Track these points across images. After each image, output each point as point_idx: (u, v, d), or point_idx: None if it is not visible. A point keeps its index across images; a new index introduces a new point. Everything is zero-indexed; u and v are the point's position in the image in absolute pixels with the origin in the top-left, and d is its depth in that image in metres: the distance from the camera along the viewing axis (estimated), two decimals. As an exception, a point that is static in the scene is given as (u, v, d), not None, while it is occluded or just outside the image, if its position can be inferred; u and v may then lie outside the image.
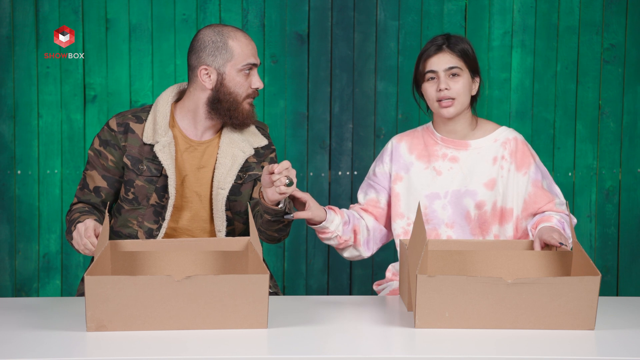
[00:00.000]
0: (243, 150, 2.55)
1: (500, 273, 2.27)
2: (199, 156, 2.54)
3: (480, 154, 2.64)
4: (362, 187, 2.75)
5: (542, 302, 1.97)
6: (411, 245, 2.13)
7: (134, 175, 2.51)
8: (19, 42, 3.61)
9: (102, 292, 1.92)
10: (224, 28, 2.52)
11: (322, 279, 3.74)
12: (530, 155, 2.66)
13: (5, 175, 3.66)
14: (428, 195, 2.62)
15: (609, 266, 3.75)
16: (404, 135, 2.73)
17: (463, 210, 2.61)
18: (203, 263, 2.26)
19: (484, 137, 2.66)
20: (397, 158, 2.68)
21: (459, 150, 2.65)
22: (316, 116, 3.69)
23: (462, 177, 2.62)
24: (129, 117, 2.54)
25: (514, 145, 2.65)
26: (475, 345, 1.87)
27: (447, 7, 3.67)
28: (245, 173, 2.56)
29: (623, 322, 2.09)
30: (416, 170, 2.65)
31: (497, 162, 2.63)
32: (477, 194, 2.61)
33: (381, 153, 2.74)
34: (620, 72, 3.69)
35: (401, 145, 2.70)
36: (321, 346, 1.88)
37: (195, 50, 2.51)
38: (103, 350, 1.83)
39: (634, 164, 3.72)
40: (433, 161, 2.65)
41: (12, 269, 3.69)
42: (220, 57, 2.48)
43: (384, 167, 2.70)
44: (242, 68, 2.49)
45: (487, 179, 2.62)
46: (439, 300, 1.97)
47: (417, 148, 2.68)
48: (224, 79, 2.49)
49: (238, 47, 2.49)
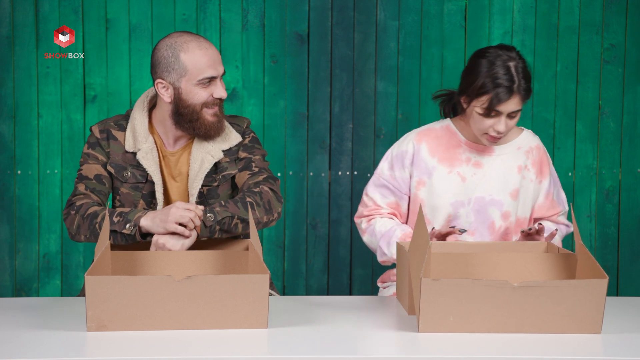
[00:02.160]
0: (212, 155, 2.48)
1: (504, 276, 2.23)
2: (172, 166, 2.51)
3: (505, 160, 2.59)
4: (376, 186, 2.65)
5: (548, 306, 1.94)
6: (412, 248, 2.08)
7: (119, 183, 2.48)
8: (19, 42, 3.61)
9: (103, 292, 1.91)
10: (178, 39, 2.40)
11: (322, 279, 3.74)
12: (547, 164, 2.63)
13: (5, 175, 3.65)
14: (453, 203, 2.57)
15: (609, 266, 3.75)
16: (423, 134, 2.64)
17: (487, 219, 2.57)
18: (203, 263, 2.25)
19: (508, 143, 2.61)
20: (419, 162, 2.60)
21: (484, 156, 2.60)
22: (316, 116, 3.69)
23: (487, 184, 2.57)
24: (110, 125, 2.50)
25: (536, 155, 2.61)
26: (480, 349, 1.85)
27: (447, 7, 3.67)
28: (219, 174, 2.50)
29: (627, 323, 2.08)
30: (439, 175, 2.59)
31: (521, 171, 2.59)
32: (503, 204, 2.57)
33: (399, 154, 2.63)
34: (620, 72, 3.69)
35: (422, 147, 2.61)
36: (322, 346, 1.88)
37: (152, 64, 2.44)
38: (103, 350, 1.83)
39: (634, 164, 3.72)
40: (457, 165, 2.59)
41: (12, 269, 3.69)
42: (174, 72, 2.40)
43: (405, 171, 2.62)
44: (197, 83, 2.40)
45: (512, 188, 2.58)
46: (443, 304, 1.94)
47: (438, 150, 2.61)
48: (180, 92, 2.41)
49: (191, 61, 2.39)
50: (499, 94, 2.43)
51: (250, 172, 2.50)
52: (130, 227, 2.29)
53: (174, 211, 2.28)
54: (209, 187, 2.49)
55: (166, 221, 2.27)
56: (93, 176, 2.47)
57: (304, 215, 3.71)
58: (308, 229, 3.72)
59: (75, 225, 2.39)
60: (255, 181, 2.47)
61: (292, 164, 3.70)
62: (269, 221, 2.43)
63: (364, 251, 3.71)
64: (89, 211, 2.37)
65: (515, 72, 2.45)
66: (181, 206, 2.29)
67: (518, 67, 2.46)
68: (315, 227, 3.71)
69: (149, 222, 2.30)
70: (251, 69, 3.66)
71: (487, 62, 2.47)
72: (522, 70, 2.46)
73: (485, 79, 2.45)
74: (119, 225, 2.30)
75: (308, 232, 3.72)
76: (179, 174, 2.50)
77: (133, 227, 2.29)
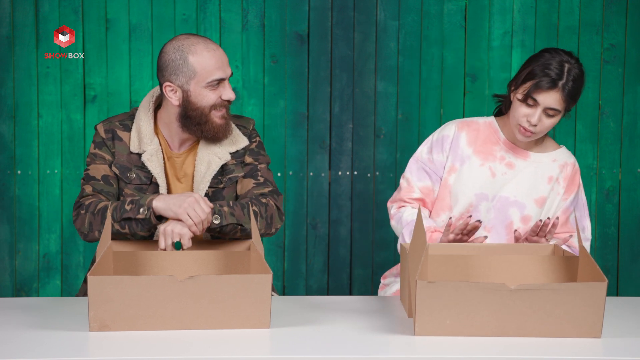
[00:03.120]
0: (219, 157, 2.47)
1: (504, 278, 2.20)
2: (177, 167, 2.50)
3: (538, 168, 2.60)
4: (413, 170, 2.66)
5: (547, 309, 1.90)
6: (412, 249, 2.07)
7: (123, 184, 2.47)
8: (19, 42, 3.61)
9: (105, 292, 1.91)
10: (185, 41, 2.39)
11: (322, 279, 3.74)
12: (577, 184, 2.64)
13: (5, 175, 3.65)
14: (477, 195, 2.58)
15: (609, 266, 3.75)
16: (465, 124, 2.66)
17: (506, 219, 2.58)
18: (205, 263, 2.25)
19: (545, 153, 2.63)
20: (456, 148, 2.62)
21: (518, 158, 2.61)
22: (316, 116, 3.69)
23: (515, 186, 2.59)
24: (115, 125, 2.49)
25: (570, 171, 2.62)
26: (477, 353, 1.83)
27: (447, 7, 3.67)
28: (225, 177, 2.49)
29: (627, 323, 2.08)
30: (471, 165, 2.60)
31: (551, 182, 2.60)
32: (525, 207, 2.57)
33: (440, 138, 2.66)
34: (620, 72, 3.69)
35: (462, 135, 2.63)
36: (325, 347, 1.88)
37: (159, 67, 2.42)
38: (106, 350, 1.83)
39: (634, 164, 3.72)
40: (490, 160, 2.61)
41: (12, 269, 3.68)
42: (182, 75, 2.38)
43: (443, 155, 2.63)
44: (207, 85, 2.39)
45: (539, 195, 2.58)
46: (440, 307, 1.90)
47: (476, 142, 2.63)
48: (189, 95, 2.39)
49: (200, 63, 2.37)
50: (541, 81, 2.47)
51: (256, 181, 2.50)
52: (144, 210, 2.31)
53: (190, 203, 2.28)
54: (214, 189, 2.49)
55: (179, 207, 2.28)
56: (100, 177, 2.46)
57: (304, 215, 3.71)
58: (308, 229, 3.72)
59: (87, 224, 2.38)
60: (262, 192, 2.48)
61: (292, 164, 3.70)
62: (266, 234, 2.45)
63: (364, 251, 3.71)
64: (99, 206, 2.37)
65: (567, 71, 2.48)
66: (198, 201, 2.29)
67: (572, 70, 2.48)
68: (315, 227, 3.71)
69: (162, 204, 2.31)
70: (251, 69, 3.66)
71: (547, 55, 2.51)
72: (575, 74, 2.49)
73: (537, 67, 2.49)
74: (132, 212, 2.31)
75: (308, 232, 3.72)
76: (184, 175, 2.50)
77: (147, 211, 2.30)
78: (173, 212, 2.29)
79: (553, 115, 2.49)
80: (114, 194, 2.47)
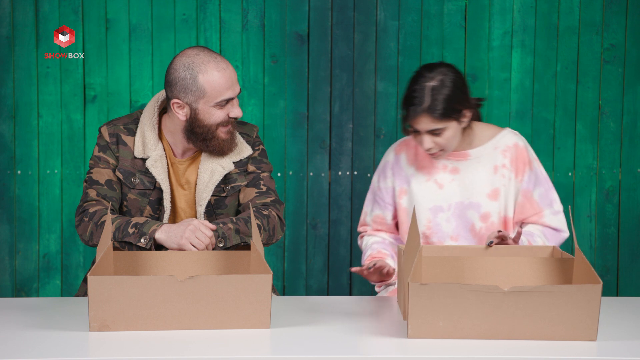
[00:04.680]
0: (222, 166, 2.48)
1: (499, 280, 2.18)
2: (180, 174, 2.50)
3: (481, 162, 2.61)
4: (369, 199, 2.75)
5: (541, 312, 1.88)
6: (406, 251, 2.07)
7: (127, 189, 2.47)
8: (19, 42, 3.61)
9: (105, 292, 1.91)
10: (195, 59, 2.37)
11: (322, 279, 3.74)
12: (527, 161, 2.62)
13: (5, 175, 3.65)
14: (432, 209, 2.61)
15: (609, 266, 3.75)
16: (402, 145, 2.71)
17: (467, 223, 2.60)
18: (205, 263, 2.25)
19: (483, 145, 2.63)
20: (399, 171, 2.67)
21: (459, 161, 2.63)
22: (316, 116, 3.69)
23: (464, 189, 2.60)
24: (120, 129, 2.48)
25: (514, 153, 2.61)
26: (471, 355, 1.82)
27: (447, 7, 3.67)
28: (228, 185, 2.50)
29: (626, 324, 2.07)
30: (417, 182, 2.64)
31: (498, 170, 2.60)
32: (481, 205, 2.59)
33: (383, 166, 2.72)
34: (620, 72, 3.69)
35: (401, 157, 2.69)
36: (325, 346, 1.88)
37: (168, 82, 2.41)
38: (106, 350, 1.83)
39: (634, 164, 3.72)
40: (434, 173, 2.64)
41: (12, 269, 3.68)
42: (192, 94, 2.37)
43: (387, 182, 2.69)
44: (215, 105, 2.38)
45: (490, 189, 2.59)
46: (433, 309, 1.88)
47: (416, 159, 2.67)
48: (197, 113, 2.39)
49: (210, 83, 2.36)
50: (408, 111, 2.50)
51: (258, 190, 2.51)
52: (146, 240, 2.32)
53: (191, 230, 2.30)
54: (217, 198, 2.49)
55: (181, 237, 2.30)
56: (104, 182, 2.46)
57: (304, 215, 3.71)
58: (308, 229, 3.72)
59: (89, 233, 2.40)
60: (263, 202, 2.49)
61: (292, 164, 3.70)
62: (267, 244, 2.48)
63: (364, 251, 3.71)
64: (103, 219, 2.38)
65: (430, 91, 2.47)
66: (199, 228, 2.30)
67: (435, 87, 2.48)
68: (315, 227, 3.71)
69: (163, 236, 2.32)
70: (251, 69, 3.66)
71: (411, 81, 2.54)
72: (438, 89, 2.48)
73: (404, 96, 2.54)
74: (134, 237, 2.33)
75: (308, 232, 3.72)
76: (187, 182, 2.50)
77: (149, 241, 2.32)
78: (175, 243, 2.31)
79: (440, 133, 2.50)
80: (118, 198, 2.47)
